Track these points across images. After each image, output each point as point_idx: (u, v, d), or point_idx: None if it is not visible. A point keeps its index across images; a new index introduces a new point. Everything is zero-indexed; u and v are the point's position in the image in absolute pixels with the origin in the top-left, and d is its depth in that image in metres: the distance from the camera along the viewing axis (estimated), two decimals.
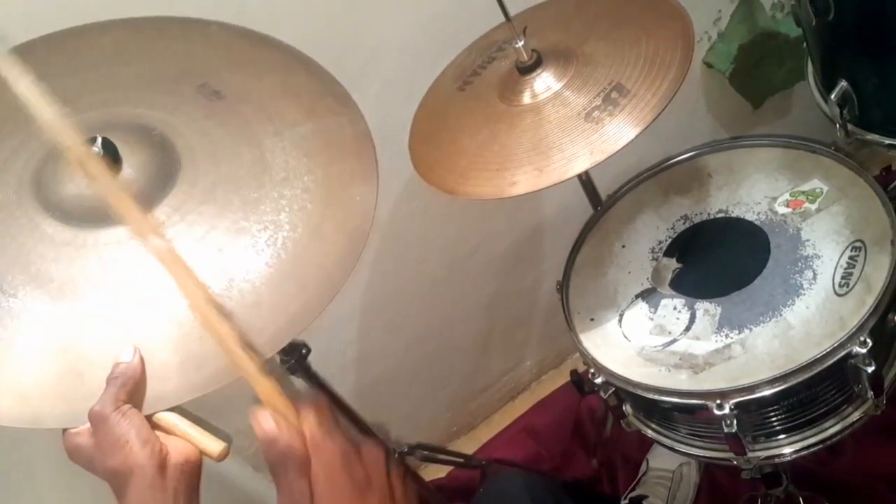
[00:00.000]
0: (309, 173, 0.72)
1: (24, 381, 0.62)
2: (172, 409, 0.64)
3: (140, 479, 0.57)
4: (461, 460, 1.52)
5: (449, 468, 1.57)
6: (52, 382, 0.62)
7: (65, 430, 0.62)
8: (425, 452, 1.34)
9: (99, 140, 0.65)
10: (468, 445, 1.68)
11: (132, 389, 0.61)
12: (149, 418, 0.62)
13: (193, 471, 0.61)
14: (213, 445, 0.63)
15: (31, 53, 0.77)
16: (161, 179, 0.69)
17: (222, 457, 0.63)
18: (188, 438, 0.62)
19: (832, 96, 0.90)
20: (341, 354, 1.41)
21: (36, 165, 0.70)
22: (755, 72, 1.43)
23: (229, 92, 0.76)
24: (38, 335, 0.63)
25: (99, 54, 0.78)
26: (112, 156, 0.66)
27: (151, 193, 0.68)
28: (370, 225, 0.70)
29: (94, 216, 0.67)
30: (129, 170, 0.68)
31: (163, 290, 0.65)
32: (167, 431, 0.62)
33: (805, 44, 0.98)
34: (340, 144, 0.75)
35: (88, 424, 0.60)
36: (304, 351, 0.99)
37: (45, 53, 0.77)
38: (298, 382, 1.03)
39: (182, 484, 0.59)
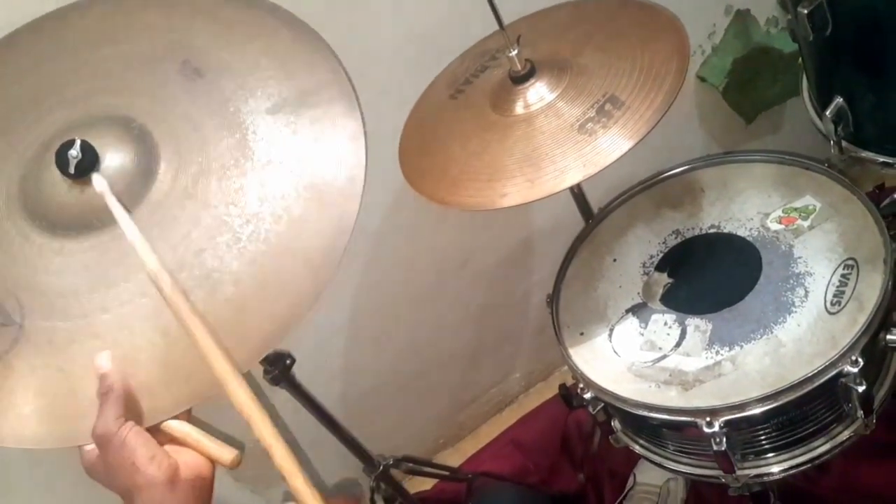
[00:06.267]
0: (293, 154, 0.69)
1: (17, 402, 0.62)
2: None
3: (148, 496, 0.57)
4: (447, 473, 1.51)
5: (435, 481, 1.55)
6: (47, 403, 0.62)
7: (81, 447, 0.61)
8: (411, 465, 1.33)
9: (77, 143, 0.64)
10: (454, 457, 1.67)
11: (127, 401, 0.60)
12: (158, 428, 0.61)
13: (205, 486, 0.61)
14: (226, 454, 0.62)
15: (17, 44, 0.75)
16: (141, 176, 0.68)
17: (235, 464, 0.62)
18: (200, 448, 0.62)
19: (827, 113, 0.89)
20: (327, 365, 1.39)
21: (21, 174, 0.68)
22: (749, 86, 1.43)
23: (210, 67, 0.73)
24: (31, 354, 0.62)
25: (82, 35, 0.76)
26: (90, 158, 0.65)
27: (133, 192, 0.67)
28: (358, 208, 0.67)
29: (77, 223, 0.66)
30: (108, 168, 0.66)
31: (146, 300, 0.64)
32: (179, 442, 0.62)
33: (800, 59, 0.98)
34: (327, 119, 0.71)
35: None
36: (288, 361, 0.97)
37: (31, 41, 0.76)
38: (286, 393, 1.02)
39: (192, 499, 0.59)
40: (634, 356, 0.92)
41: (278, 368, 0.96)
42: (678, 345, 0.91)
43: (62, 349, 0.63)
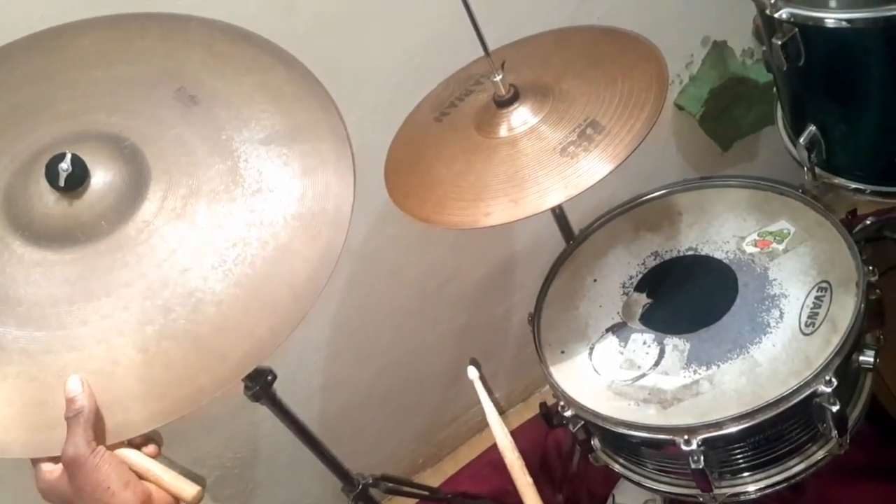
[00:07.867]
0: (283, 184, 0.70)
1: None
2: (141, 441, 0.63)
3: None
4: (426, 493, 1.50)
5: (413, 501, 1.54)
6: (16, 411, 0.61)
7: (37, 469, 0.60)
8: (390, 484, 1.32)
9: (68, 157, 0.64)
10: (434, 478, 1.66)
11: (95, 424, 0.60)
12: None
13: None
14: (188, 489, 0.62)
15: (12, 57, 0.75)
16: (131, 194, 0.68)
17: (197, 500, 0.62)
18: (161, 483, 0.61)
19: (801, 140, 0.92)
20: (307, 382, 1.39)
21: (7, 183, 0.68)
22: (725, 115, 1.47)
23: (206, 96, 0.74)
24: (3, 362, 0.62)
25: (78, 55, 0.77)
26: (80, 172, 0.65)
27: (121, 208, 0.67)
28: (344, 240, 0.68)
29: (60, 236, 0.66)
30: (98, 183, 0.67)
31: (126, 315, 0.64)
32: (140, 477, 0.61)
33: (775, 89, 1.01)
34: (318, 154, 0.73)
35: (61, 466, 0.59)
36: (269, 378, 0.96)
37: (26, 56, 0.76)
38: (264, 411, 1.01)
39: None
40: (614, 374, 0.93)
41: (259, 384, 0.96)
42: (657, 364, 0.92)
43: (36, 359, 0.62)
